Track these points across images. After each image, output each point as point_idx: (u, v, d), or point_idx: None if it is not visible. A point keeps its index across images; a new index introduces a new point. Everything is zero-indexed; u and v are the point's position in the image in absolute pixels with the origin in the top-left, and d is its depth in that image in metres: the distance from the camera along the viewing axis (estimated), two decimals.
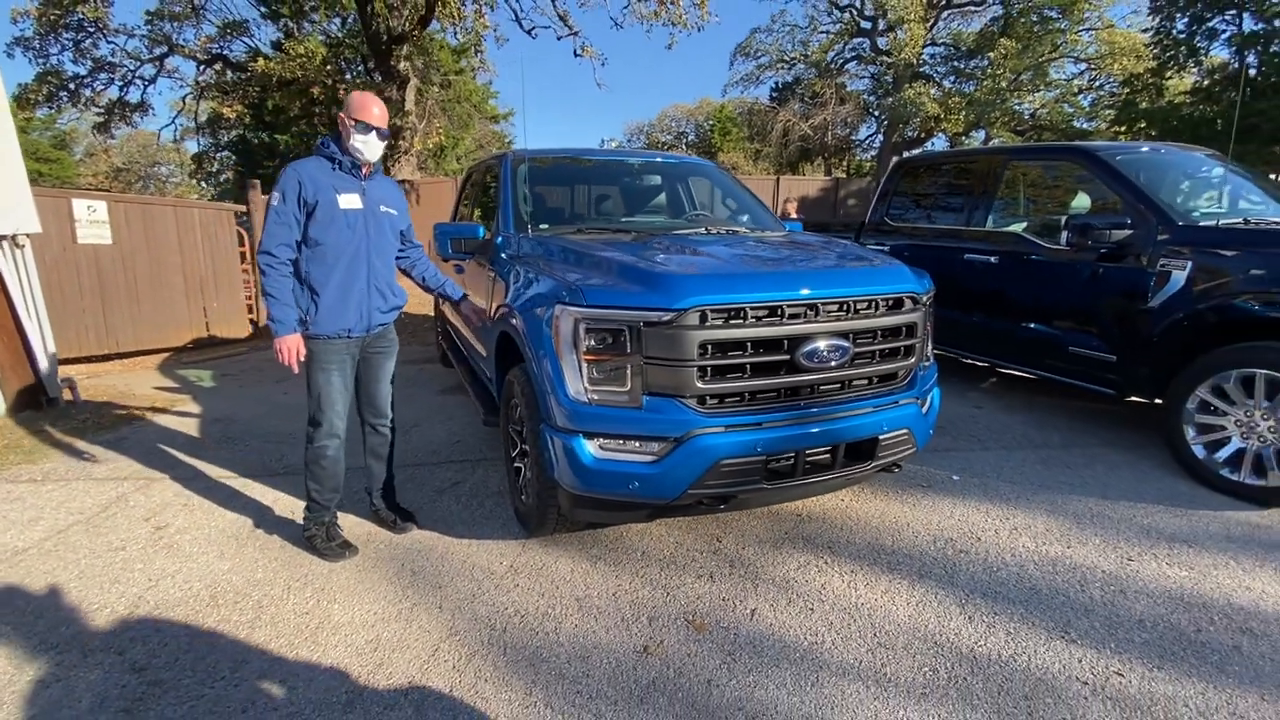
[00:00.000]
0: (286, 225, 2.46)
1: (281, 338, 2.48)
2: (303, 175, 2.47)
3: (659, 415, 2.25)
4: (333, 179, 2.54)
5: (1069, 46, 23.15)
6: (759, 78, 29.51)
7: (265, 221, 2.48)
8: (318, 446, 2.67)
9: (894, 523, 3.02)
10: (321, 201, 2.48)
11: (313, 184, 2.47)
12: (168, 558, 2.72)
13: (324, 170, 2.54)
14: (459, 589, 2.50)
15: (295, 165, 2.52)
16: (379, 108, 2.55)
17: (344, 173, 2.58)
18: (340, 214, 2.53)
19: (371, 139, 2.55)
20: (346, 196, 2.55)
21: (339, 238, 2.53)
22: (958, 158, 5.35)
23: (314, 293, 2.54)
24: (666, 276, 2.27)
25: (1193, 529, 2.94)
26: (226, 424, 4.46)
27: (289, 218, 2.46)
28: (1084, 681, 2.03)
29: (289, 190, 2.45)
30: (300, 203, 2.47)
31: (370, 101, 2.54)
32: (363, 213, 2.59)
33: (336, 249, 2.53)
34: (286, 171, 2.49)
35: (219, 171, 20.01)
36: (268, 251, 2.45)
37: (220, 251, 8.14)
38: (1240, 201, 3.92)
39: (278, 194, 2.46)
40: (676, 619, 2.32)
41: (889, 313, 2.51)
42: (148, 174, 38.56)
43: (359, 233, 2.59)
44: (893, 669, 2.07)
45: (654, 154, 4.11)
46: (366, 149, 2.55)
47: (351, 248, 2.57)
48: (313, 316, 2.55)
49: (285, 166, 2.53)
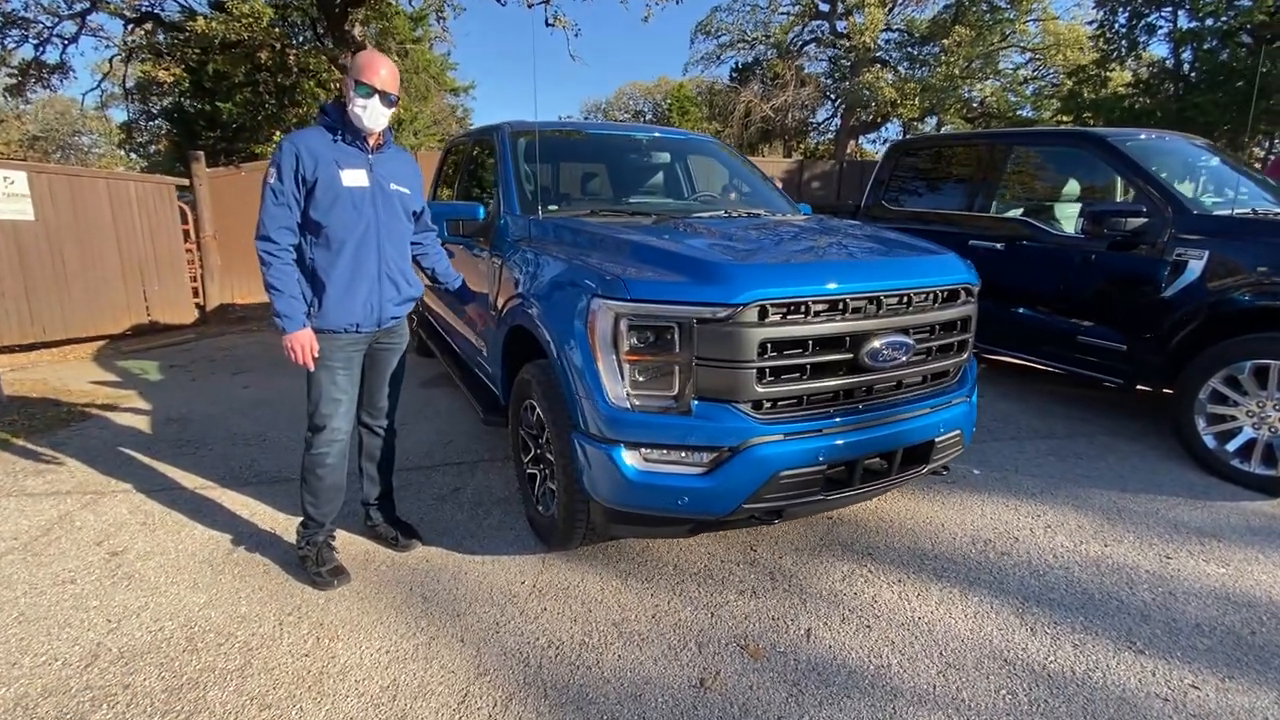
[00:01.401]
0: (285, 206, 2.12)
1: (291, 334, 2.15)
2: (300, 148, 2.13)
3: (712, 423, 2.02)
4: (335, 152, 2.20)
5: (1017, 36, 23.74)
6: (720, 57, 29.25)
7: (262, 203, 2.12)
8: (316, 453, 2.34)
9: (927, 523, 2.90)
10: (321, 178, 2.14)
11: (311, 158, 2.13)
12: (130, 591, 2.35)
13: (324, 142, 2.19)
14: (480, 617, 2.24)
15: (292, 137, 2.18)
16: (387, 69, 2.20)
17: (347, 145, 2.24)
18: (344, 192, 2.19)
19: (374, 104, 2.19)
20: (351, 172, 2.21)
21: (343, 220, 2.20)
22: (959, 141, 5.26)
23: (318, 283, 2.21)
24: (722, 266, 2.03)
25: (1216, 522, 2.92)
26: (182, 424, 4.00)
27: (288, 197, 2.12)
28: (1164, 698, 1.93)
29: (285, 165, 2.11)
30: (299, 180, 2.13)
31: (377, 61, 2.19)
32: (369, 191, 2.25)
33: (341, 233, 2.20)
34: (282, 144, 2.15)
35: (149, 142, 18.43)
36: (267, 237, 2.11)
37: (161, 229, 7.44)
38: (1238, 192, 3.93)
39: (273, 170, 2.12)
40: (728, 644, 2.12)
41: (946, 305, 2.34)
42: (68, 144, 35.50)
43: (366, 214, 2.25)
44: (970, 694, 1.93)
45: (655, 129, 3.83)
46: (366, 116, 2.20)
47: (358, 231, 2.23)
48: (316, 309, 2.22)
49: (281, 139, 2.19)
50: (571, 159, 3.44)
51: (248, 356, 5.89)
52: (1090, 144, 3.98)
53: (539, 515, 2.63)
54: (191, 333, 7.36)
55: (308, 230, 2.20)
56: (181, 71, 9.75)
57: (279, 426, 3.97)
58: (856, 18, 24.79)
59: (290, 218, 2.15)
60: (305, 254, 2.21)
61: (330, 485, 2.39)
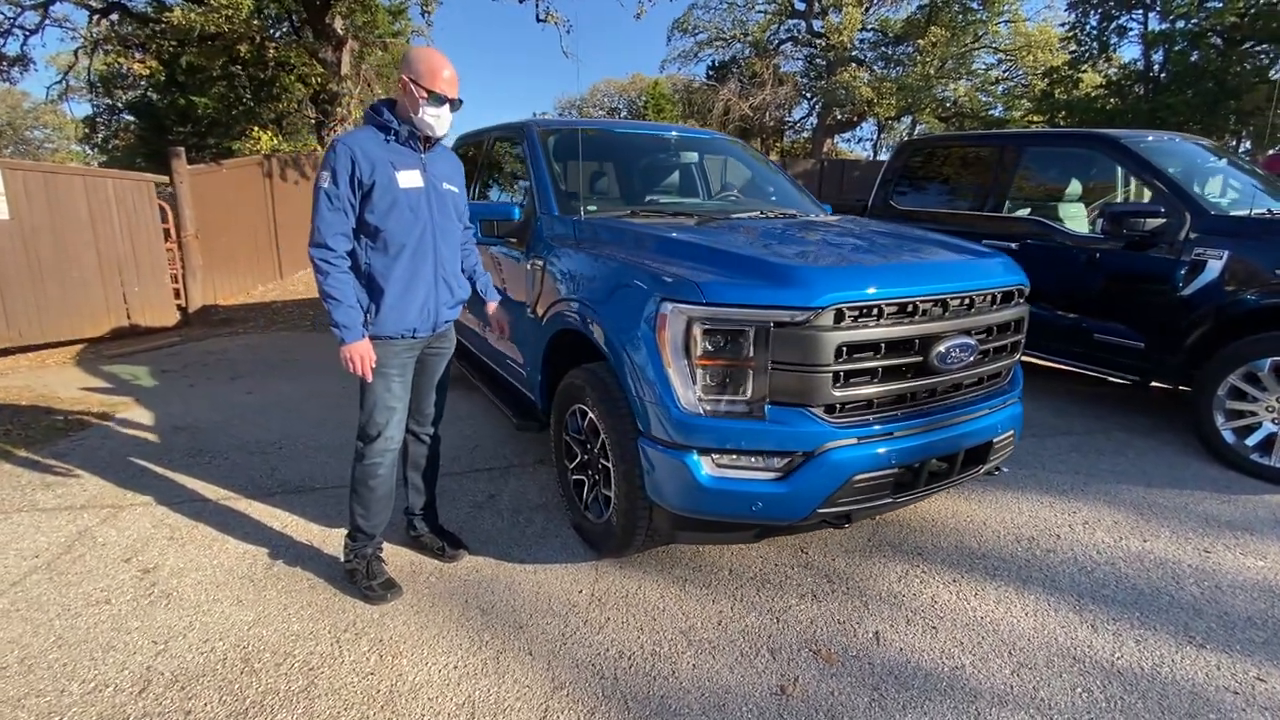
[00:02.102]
0: (341, 211, 2.03)
1: (350, 345, 2.06)
2: (356, 151, 2.03)
3: (787, 427, 2.00)
4: (389, 153, 2.11)
5: (989, 37, 24.23)
6: (697, 54, 29.32)
7: (315, 208, 2.03)
8: (369, 464, 2.25)
9: (969, 522, 2.92)
10: (379, 182, 2.06)
11: (368, 161, 2.04)
12: (170, 610, 2.24)
13: (378, 143, 2.10)
14: (544, 629, 2.18)
15: (345, 139, 2.07)
16: (450, 71, 2.11)
17: (401, 145, 2.15)
18: (401, 195, 2.11)
19: (445, 112, 2.13)
20: (407, 174, 2.13)
21: (401, 223, 2.12)
22: (970, 141, 5.31)
23: (375, 288, 2.13)
24: (799, 270, 2.01)
25: (1244, 516, 3.00)
26: (191, 433, 3.85)
27: (343, 202, 2.03)
28: (1234, 691, 1.97)
29: (340, 169, 2.01)
30: (355, 184, 2.04)
31: (441, 64, 2.09)
32: (425, 192, 2.17)
33: (399, 237, 2.12)
34: (336, 147, 2.04)
35: (111, 137, 17.70)
36: (323, 244, 2.02)
37: (141, 228, 7.15)
38: (1249, 193, 4.04)
39: (327, 174, 2.02)
40: (800, 650, 2.10)
41: (1003, 307, 2.35)
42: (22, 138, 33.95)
43: (423, 216, 2.17)
44: (1047, 694, 1.94)
45: (677, 128, 3.79)
46: (439, 124, 2.14)
47: (416, 234, 2.16)
48: (373, 315, 2.14)
49: (334, 141, 2.08)
50: (600, 158, 3.38)
51: (241, 360, 5.70)
52: (1105, 145, 4.06)
53: (589, 522, 2.58)
54: (175, 335, 7.11)
55: (363, 234, 2.12)
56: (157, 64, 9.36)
57: (292, 434, 3.84)
58: (833, 17, 25.03)
59: (346, 224, 2.06)
60: (360, 259, 2.13)
61: (382, 495, 2.31)
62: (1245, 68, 14.04)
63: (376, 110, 2.17)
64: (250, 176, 9.25)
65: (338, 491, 3.12)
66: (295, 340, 6.53)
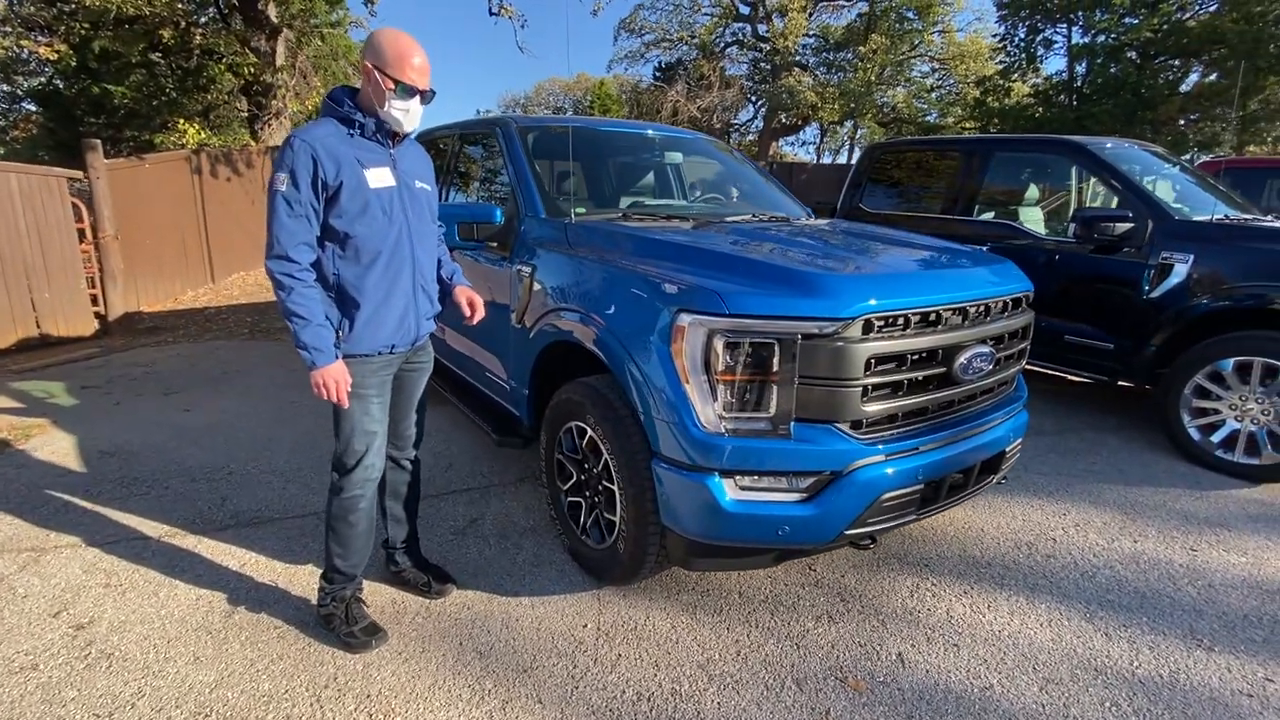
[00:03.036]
0: (304, 218, 1.77)
1: (321, 369, 1.80)
2: (317, 148, 1.77)
3: (814, 446, 1.89)
4: (355, 150, 1.85)
5: (925, 46, 25.17)
6: (644, 55, 29.30)
7: (272, 216, 1.76)
8: (349, 497, 2.01)
9: (966, 529, 2.89)
10: (347, 183, 1.81)
11: (332, 160, 1.79)
12: (113, 675, 1.94)
13: (341, 138, 1.84)
14: (551, 671, 1.99)
15: (303, 135, 1.80)
16: (420, 57, 1.86)
17: (367, 139, 1.90)
18: (373, 196, 1.86)
19: (414, 105, 1.89)
20: (376, 172, 1.88)
21: (373, 228, 1.87)
22: (938, 145, 5.38)
23: (346, 300, 1.88)
24: (827, 278, 1.89)
25: (1219, 511, 3.09)
26: (123, 458, 3.44)
27: (305, 208, 1.77)
28: (1248, 694, 1.97)
29: (300, 170, 1.75)
30: (319, 186, 1.78)
31: (410, 50, 1.85)
32: (397, 191, 1.93)
33: (372, 243, 1.88)
34: (294, 144, 1.77)
35: (8, 128, 16.10)
36: (284, 256, 1.75)
37: (51, 228, 6.51)
38: (1202, 198, 4.21)
39: (284, 176, 1.75)
40: (826, 679, 2.00)
41: (1015, 314, 2.31)
42: None
43: (397, 220, 1.93)
44: (1078, 710, 1.90)
45: (658, 126, 3.64)
46: (408, 120, 1.90)
47: (391, 240, 1.92)
48: (346, 332, 1.89)
49: (287, 138, 1.80)
50: (583, 158, 3.20)
51: (175, 374, 5.22)
52: (1071, 151, 4.15)
53: (588, 548, 2.41)
54: (94, 346, 6.48)
55: (330, 241, 1.86)
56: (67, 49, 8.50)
57: (240, 457, 3.49)
58: (777, 22, 25.48)
59: (310, 232, 1.80)
60: (328, 269, 1.87)
61: (363, 531, 2.07)
62: (1159, 81, 15.01)
63: (336, 100, 1.89)
64: (176, 172, 8.57)
65: (300, 522, 2.83)
66: (234, 350, 6.05)
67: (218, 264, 9.20)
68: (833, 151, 33.96)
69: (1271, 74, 12.86)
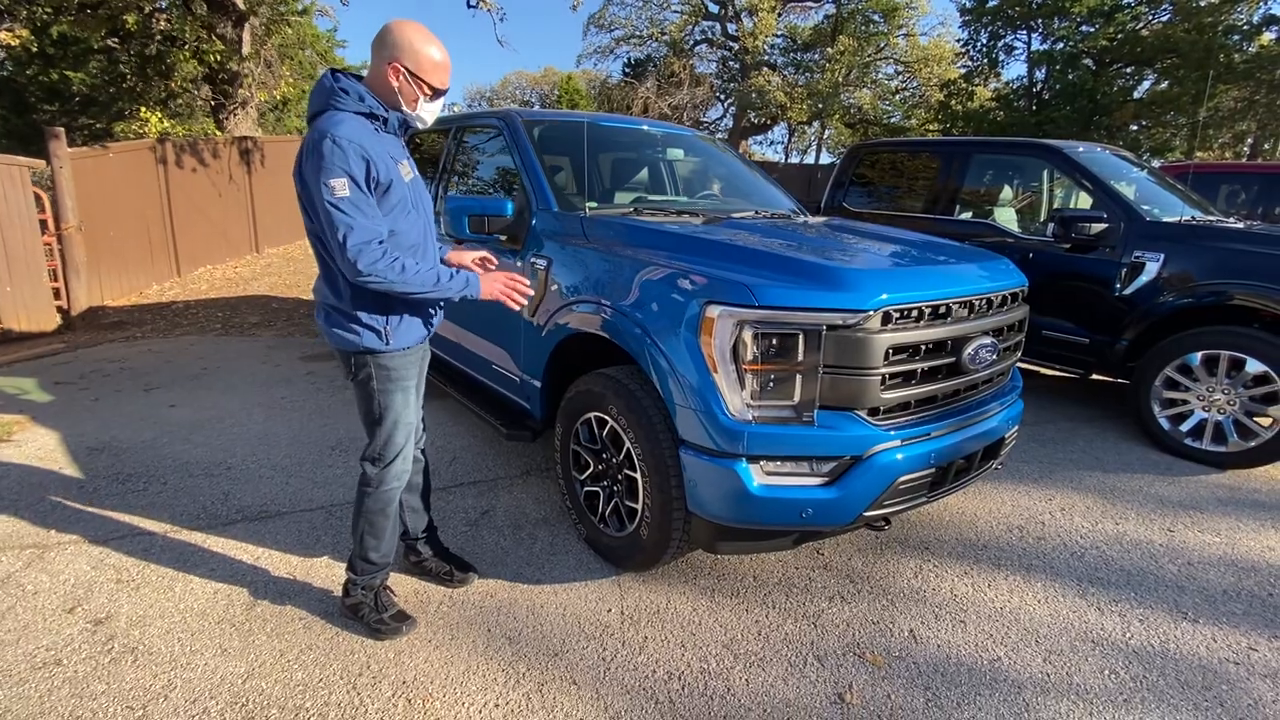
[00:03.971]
0: (370, 212, 1.73)
1: (483, 287, 1.95)
2: (367, 148, 1.72)
3: (835, 432, 1.97)
4: (385, 145, 1.82)
5: (890, 49, 25.72)
6: (613, 51, 29.27)
7: (344, 223, 1.68)
8: (385, 491, 2.01)
9: (960, 514, 3.03)
10: (394, 180, 1.81)
11: (380, 159, 1.75)
12: (140, 668, 1.91)
13: (376, 136, 1.80)
14: (582, 654, 2.04)
15: (346, 134, 1.69)
16: (447, 59, 1.86)
17: (390, 134, 1.88)
18: (407, 191, 1.88)
19: (438, 107, 1.92)
20: (404, 166, 1.90)
21: (409, 221, 1.89)
22: (919, 147, 5.54)
23: (393, 298, 1.86)
24: (850, 272, 1.98)
25: (1191, 495, 3.29)
26: (113, 454, 3.35)
27: (369, 204, 1.74)
28: (1234, 662, 2.13)
29: (357, 171, 1.69)
30: (373, 186, 1.75)
31: (440, 52, 1.83)
32: (416, 183, 1.96)
33: (411, 236, 1.89)
34: (341, 145, 1.67)
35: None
36: (365, 248, 1.69)
37: (11, 219, 6.24)
38: (1166, 200, 4.45)
39: (342, 181, 1.67)
40: (845, 654, 2.09)
41: (1014, 307, 2.44)
42: None
43: (422, 210, 1.96)
44: (1081, 678, 2.03)
45: (648, 122, 3.69)
46: (432, 118, 1.94)
47: (419, 231, 1.94)
48: (393, 328, 1.89)
49: (328, 138, 1.68)
50: (589, 153, 3.21)
51: (152, 369, 5.07)
52: (1048, 154, 4.35)
53: (605, 536, 2.45)
54: (59, 342, 6.23)
55: None
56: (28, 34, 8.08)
57: (237, 452, 3.43)
58: (746, 21, 25.73)
59: (384, 226, 1.77)
60: None
61: (395, 522, 2.08)
62: (1114, 87, 15.66)
63: (354, 95, 1.79)
64: (141, 161, 8.28)
65: (309, 515, 2.81)
66: (209, 346, 5.89)
67: (184, 257, 8.92)
68: (800, 151, 34.46)
69: (1221, 82, 13.54)
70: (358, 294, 1.85)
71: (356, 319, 1.86)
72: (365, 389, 1.94)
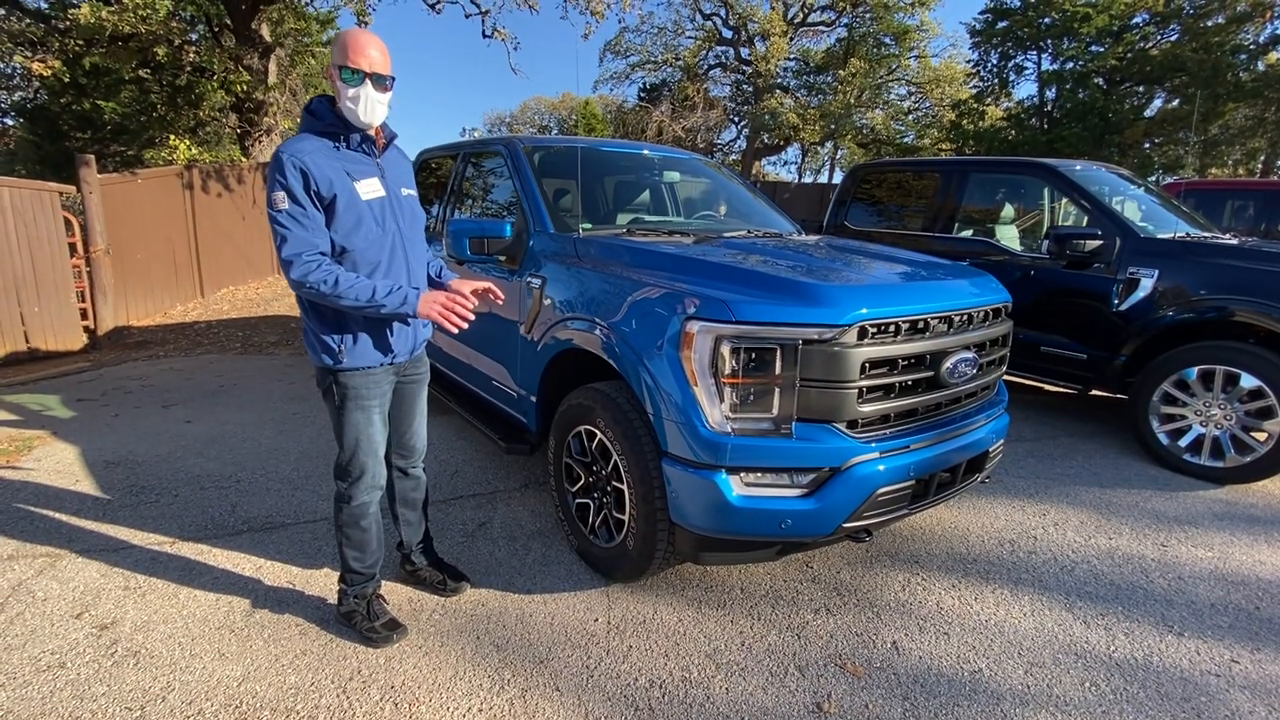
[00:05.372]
0: (315, 229, 1.82)
1: (419, 306, 1.91)
2: (306, 162, 1.78)
3: (814, 444, 2.02)
4: (343, 162, 1.88)
5: (902, 71, 25.92)
6: (629, 76, 29.81)
7: (283, 236, 1.78)
8: (357, 505, 2.09)
9: (953, 528, 3.04)
10: (341, 196, 1.84)
11: (322, 174, 1.81)
12: (141, 670, 2.00)
13: (326, 151, 1.86)
14: (566, 662, 2.09)
15: (289, 151, 1.79)
16: (376, 47, 1.84)
17: (353, 150, 1.92)
18: (365, 208, 1.91)
19: (367, 92, 1.84)
20: (366, 183, 1.92)
21: (369, 240, 1.92)
22: (917, 166, 5.62)
23: (349, 315, 1.93)
24: (825, 288, 2.05)
25: (1188, 511, 3.27)
26: (129, 467, 3.48)
27: (312, 220, 1.81)
28: (1215, 674, 2.13)
29: (295, 185, 1.77)
30: (316, 199, 1.82)
31: (362, 39, 1.84)
32: (387, 201, 1.98)
33: (370, 254, 1.93)
34: (282, 160, 1.77)
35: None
36: (307, 262, 1.78)
37: (42, 242, 6.52)
38: (1162, 217, 4.47)
39: (280, 195, 1.77)
40: (826, 665, 2.12)
41: (996, 322, 2.48)
42: None
43: (390, 229, 1.98)
44: (1061, 690, 2.03)
45: (648, 146, 3.81)
46: (361, 109, 1.86)
47: (386, 250, 1.97)
48: (349, 346, 1.94)
49: (275, 157, 1.81)
50: (586, 176, 3.34)
51: (171, 386, 5.24)
52: (1044, 173, 4.40)
53: (597, 548, 2.51)
54: (84, 360, 6.46)
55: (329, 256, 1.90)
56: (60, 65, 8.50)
57: (247, 465, 3.55)
58: (759, 46, 26.11)
59: (324, 239, 1.84)
60: None
61: (376, 534, 2.16)
62: (1125, 106, 15.65)
63: (317, 114, 1.89)
64: (168, 187, 8.60)
65: (312, 527, 2.90)
66: (228, 364, 6.07)
67: (207, 278, 9.20)
68: (814, 171, 34.70)
69: (1230, 100, 13.49)
70: (315, 311, 1.93)
71: (317, 335, 1.95)
72: (330, 405, 2.02)
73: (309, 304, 1.94)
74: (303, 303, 1.96)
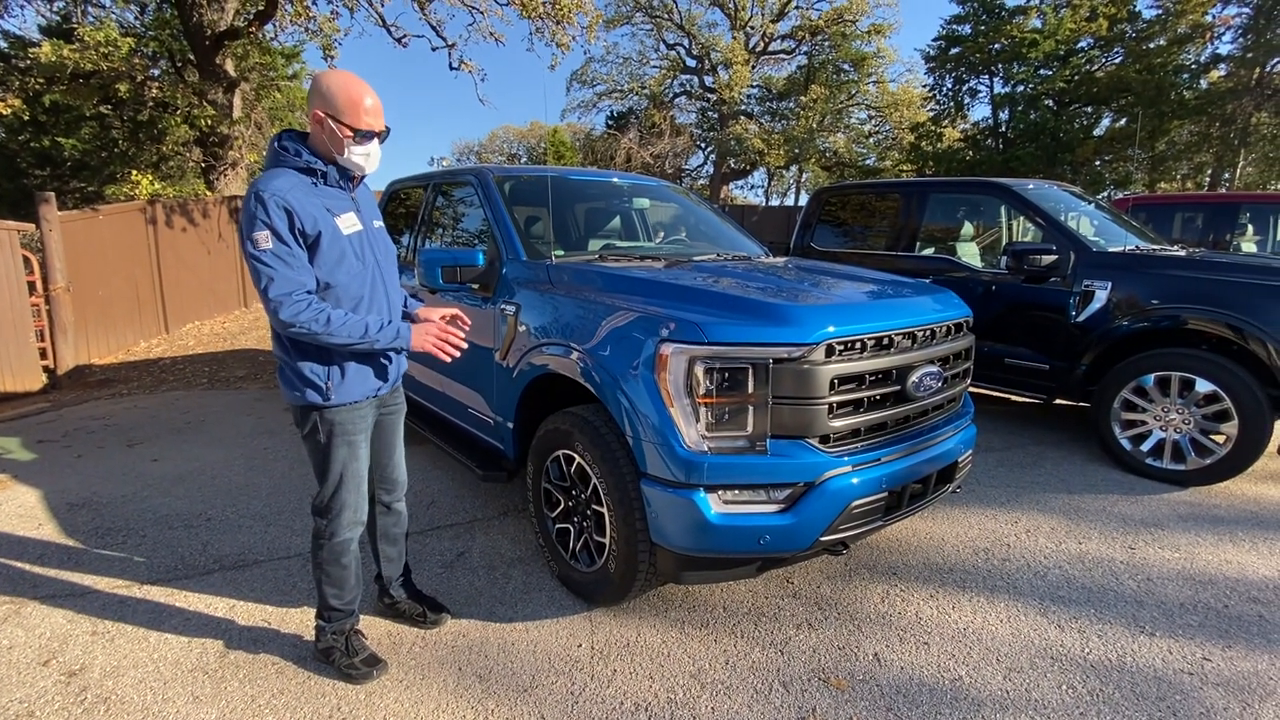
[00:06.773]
0: (301, 267, 1.80)
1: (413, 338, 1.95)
2: (290, 200, 1.77)
3: (788, 460, 2.06)
4: (321, 198, 1.87)
5: (861, 96, 26.79)
6: (596, 105, 30.30)
7: (268, 276, 1.75)
8: (339, 542, 2.05)
9: (929, 538, 3.10)
10: (325, 232, 1.84)
11: (305, 211, 1.79)
12: (111, 717, 1.93)
13: (306, 189, 1.84)
14: (551, 689, 2.07)
15: (269, 189, 1.76)
16: (372, 98, 1.86)
17: (331, 187, 1.92)
18: (346, 243, 1.91)
19: (374, 148, 1.92)
20: (345, 218, 1.92)
21: (351, 274, 1.92)
22: (879, 188, 5.79)
23: (334, 351, 1.91)
24: (792, 309, 2.10)
25: (1152, 513, 3.38)
26: (93, 509, 3.37)
27: (297, 258, 1.80)
28: (1189, 672, 2.19)
29: (279, 224, 1.75)
30: (300, 237, 1.81)
31: (361, 92, 1.84)
32: (364, 235, 1.99)
33: (352, 289, 1.93)
34: (264, 200, 1.74)
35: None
36: (286, 299, 1.75)
37: (0, 281, 6.33)
38: (1113, 232, 4.67)
39: (264, 234, 1.74)
40: (810, 680, 2.13)
41: (958, 336, 2.57)
42: None
43: (369, 262, 1.99)
44: (1039, 693, 2.08)
45: (617, 174, 3.89)
46: (370, 162, 1.93)
47: (367, 284, 1.98)
48: (335, 382, 1.92)
49: (253, 195, 1.77)
50: (558, 205, 3.39)
51: (137, 424, 5.11)
52: (999, 192, 4.58)
53: (578, 573, 2.51)
54: (44, 401, 6.27)
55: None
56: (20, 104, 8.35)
57: (216, 503, 3.47)
58: (722, 74, 26.81)
59: (310, 277, 1.83)
60: None
61: (355, 571, 2.13)
62: (1075, 126, 16.36)
63: (291, 150, 1.87)
64: (131, 223, 8.46)
65: (286, 563, 2.84)
66: (194, 400, 5.94)
67: (172, 313, 9.03)
68: (780, 194, 35.46)
69: (1174, 117, 14.19)
70: (298, 348, 1.90)
71: (300, 373, 1.91)
72: (313, 442, 1.99)
73: (290, 341, 1.90)
74: (280, 339, 1.93)
